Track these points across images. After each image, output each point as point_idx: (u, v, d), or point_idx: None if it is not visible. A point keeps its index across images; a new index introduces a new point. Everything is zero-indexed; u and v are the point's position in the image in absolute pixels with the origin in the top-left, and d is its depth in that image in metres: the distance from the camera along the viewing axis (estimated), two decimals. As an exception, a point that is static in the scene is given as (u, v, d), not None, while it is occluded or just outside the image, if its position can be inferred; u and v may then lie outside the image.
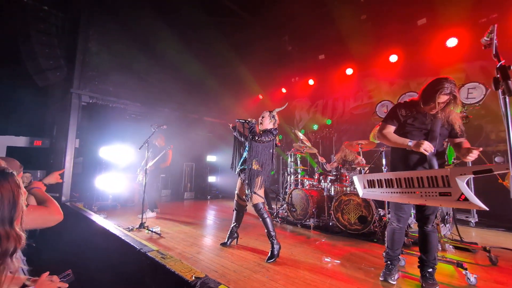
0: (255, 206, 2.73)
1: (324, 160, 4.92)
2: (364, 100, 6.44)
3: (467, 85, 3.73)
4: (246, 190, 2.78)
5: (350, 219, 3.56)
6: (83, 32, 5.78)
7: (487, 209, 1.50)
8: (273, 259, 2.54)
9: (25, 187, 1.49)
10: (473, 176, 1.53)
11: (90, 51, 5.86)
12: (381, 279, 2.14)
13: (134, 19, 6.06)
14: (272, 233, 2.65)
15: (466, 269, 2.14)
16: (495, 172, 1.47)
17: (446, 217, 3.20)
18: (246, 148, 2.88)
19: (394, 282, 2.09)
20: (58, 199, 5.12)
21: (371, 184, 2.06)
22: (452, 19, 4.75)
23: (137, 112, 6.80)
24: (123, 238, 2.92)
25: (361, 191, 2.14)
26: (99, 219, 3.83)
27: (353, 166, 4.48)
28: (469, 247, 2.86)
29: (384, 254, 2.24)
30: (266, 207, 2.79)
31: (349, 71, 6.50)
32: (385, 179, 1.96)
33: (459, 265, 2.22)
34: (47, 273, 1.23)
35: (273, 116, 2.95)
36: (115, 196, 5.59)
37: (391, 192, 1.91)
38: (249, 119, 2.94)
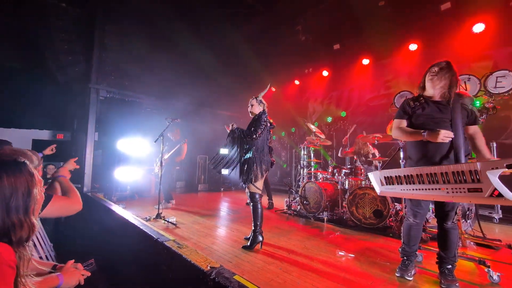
0: (252, 195, 2.69)
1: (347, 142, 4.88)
2: (381, 91, 6.20)
3: (495, 73, 3.48)
4: (242, 180, 2.72)
5: (365, 213, 3.50)
6: (99, 27, 5.91)
7: None
8: (252, 247, 2.58)
9: (52, 175, 1.62)
10: (507, 170, 1.40)
11: (106, 46, 5.99)
12: (397, 274, 2.09)
13: (148, 14, 6.11)
14: (258, 227, 2.64)
15: (489, 266, 2.05)
16: None
17: (468, 212, 3.07)
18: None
19: (411, 278, 2.04)
20: (80, 190, 5.39)
21: (389, 181, 1.95)
22: (478, 2, 4.42)
23: (152, 106, 6.95)
24: (141, 227, 3.04)
25: (378, 188, 2.04)
26: (118, 209, 4.00)
27: (369, 159, 4.38)
28: (492, 244, 2.75)
29: (400, 249, 2.19)
30: (261, 199, 2.74)
31: (366, 61, 6.26)
32: (404, 175, 1.85)
33: (481, 262, 2.13)
34: (72, 261, 1.30)
35: (261, 101, 2.89)
36: (133, 187, 5.79)
37: (413, 189, 1.80)
38: (233, 126, 2.86)
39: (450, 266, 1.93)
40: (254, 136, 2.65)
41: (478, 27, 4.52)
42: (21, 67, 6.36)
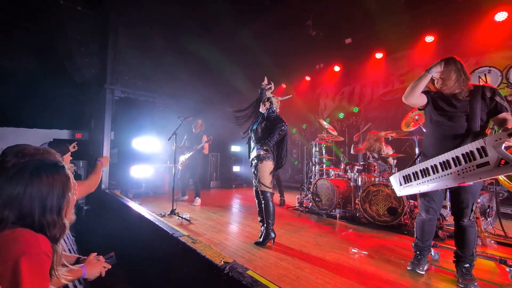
0: (263, 193, 2.70)
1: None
2: (396, 85, 6.02)
3: (519, 64, 3.30)
4: (253, 181, 2.76)
5: (379, 210, 3.44)
6: (113, 29, 6.08)
7: None
8: (263, 244, 2.60)
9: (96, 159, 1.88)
10: (509, 138, 1.50)
11: (119, 47, 6.16)
12: (408, 268, 2.10)
13: (159, 15, 6.22)
14: (270, 224, 2.65)
15: (510, 266, 1.98)
16: None
17: (488, 210, 2.96)
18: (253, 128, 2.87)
19: (422, 272, 2.04)
20: (98, 187, 5.60)
21: (407, 179, 1.98)
22: (501, -11, 4.19)
23: (165, 105, 7.09)
24: (156, 223, 3.14)
25: (398, 191, 2.05)
26: (135, 206, 4.14)
27: (382, 156, 4.29)
28: (514, 243, 2.64)
29: (413, 244, 2.19)
30: (273, 197, 2.75)
31: (379, 55, 6.09)
32: (420, 170, 1.88)
33: (502, 261, 2.06)
34: (95, 254, 1.37)
35: (268, 98, 2.88)
36: (148, 184, 5.96)
37: (428, 181, 1.83)
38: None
39: (467, 265, 1.89)
40: (270, 144, 2.67)
41: (501, 16, 4.29)
42: (40, 70, 6.65)
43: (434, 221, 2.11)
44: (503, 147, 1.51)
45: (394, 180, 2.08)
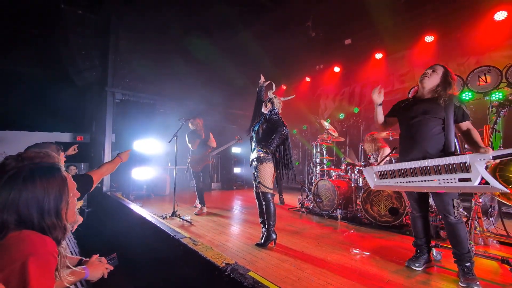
0: (264, 195, 2.69)
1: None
2: (396, 85, 6.02)
3: (519, 64, 3.30)
4: (254, 182, 2.76)
5: (380, 211, 3.44)
6: (114, 32, 6.12)
7: (508, 191, 1.66)
8: (265, 245, 2.60)
9: (117, 154, 1.96)
10: (493, 161, 1.68)
11: (120, 50, 6.20)
12: (405, 264, 2.17)
13: (160, 18, 6.25)
14: (272, 225, 2.65)
15: (512, 266, 1.97)
16: None
17: (490, 210, 2.95)
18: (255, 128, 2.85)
19: (417, 269, 2.10)
20: (100, 189, 5.63)
21: (382, 175, 2.14)
22: (501, -12, 4.19)
23: (166, 107, 7.12)
24: (158, 225, 3.15)
25: (372, 183, 2.21)
26: (136, 208, 4.15)
27: (378, 155, 4.27)
28: (517, 243, 2.63)
29: (413, 243, 2.28)
30: (273, 198, 2.75)
31: (379, 55, 6.09)
32: (398, 170, 2.03)
33: (504, 261, 2.05)
34: (97, 255, 1.38)
35: (270, 99, 2.88)
36: (149, 186, 5.98)
37: (406, 182, 1.98)
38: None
39: (468, 264, 1.88)
40: (271, 147, 2.66)
41: (500, 15, 4.29)
42: (42, 74, 6.71)
43: (425, 218, 2.20)
44: (484, 167, 1.66)
45: (367, 173, 2.24)
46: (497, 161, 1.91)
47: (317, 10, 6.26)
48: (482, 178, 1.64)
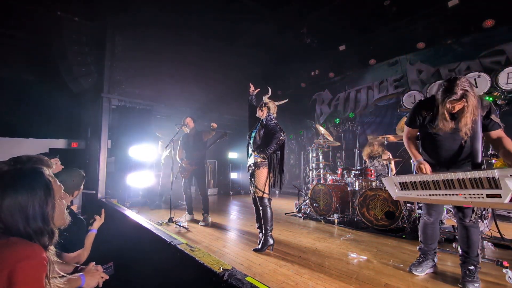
0: (260, 200, 2.69)
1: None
2: (390, 91, 6.14)
3: (507, 69, 3.39)
4: (250, 187, 2.76)
5: (377, 215, 3.46)
6: (110, 38, 6.14)
7: None
8: (262, 251, 2.59)
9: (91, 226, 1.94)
10: None
11: (116, 56, 6.21)
12: (407, 269, 2.14)
13: (156, 25, 6.30)
14: (269, 230, 2.64)
15: (507, 267, 2.00)
16: None
17: (484, 212, 2.98)
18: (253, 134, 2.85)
19: (419, 274, 2.07)
20: (94, 196, 5.55)
21: (404, 186, 2.00)
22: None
23: (162, 113, 7.10)
24: (154, 231, 3.11)
25: (394, 194, 2.07)
26: (132, 214, 4.10)
27: (379, 160, 4.32)
28: (511, 245, 2.66)
29: (418, 247, 2.24)
30: (270, 203, 2.75)
31: (372, 61, 6.23)
32: (420, 182, 1.89)
33: (498, 263, 2.08)
34: (94, 263, 1.36)
35: (265, 104, 2.89)
36: (145, 193, 5.92)
37: (430, 195, 1.84)
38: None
39: (472, 267, 1.88)
40: (268, 153, 2.67)
41: (489, 22, 4.44)
42: (36, 80, 6.66)
43: (436, 224, 2.14)
44: None
45: (388, 183, 2.10)
46: None
47: (312, 17, 6.39)
48: None
